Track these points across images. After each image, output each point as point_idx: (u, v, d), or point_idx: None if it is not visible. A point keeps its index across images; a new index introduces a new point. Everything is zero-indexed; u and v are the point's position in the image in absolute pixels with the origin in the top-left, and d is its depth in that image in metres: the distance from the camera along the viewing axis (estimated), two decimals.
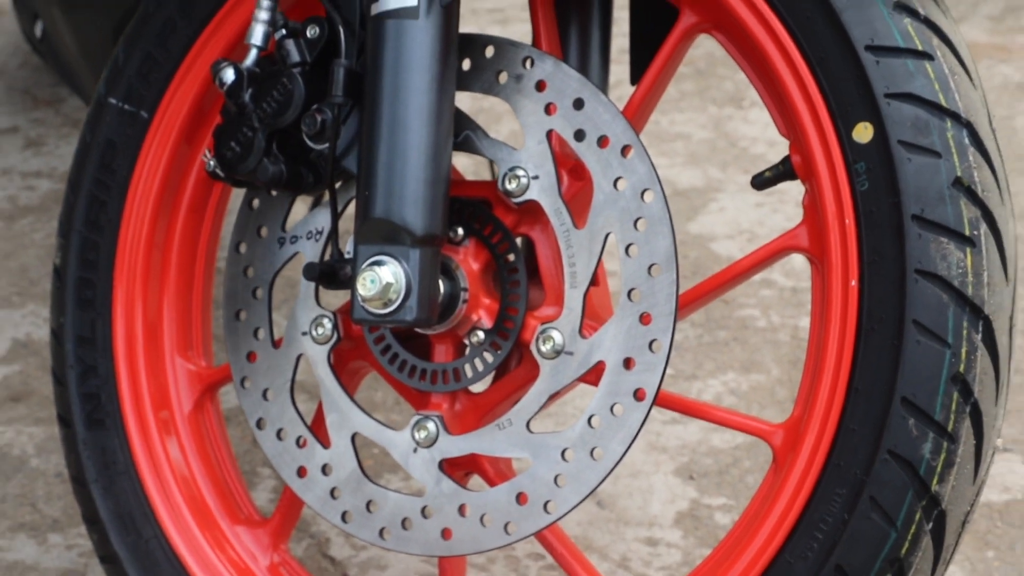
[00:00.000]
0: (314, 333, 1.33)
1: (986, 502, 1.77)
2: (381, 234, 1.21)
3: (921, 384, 1.13)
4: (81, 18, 2.01)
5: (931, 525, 1.12)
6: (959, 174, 1.13)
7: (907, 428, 1.13)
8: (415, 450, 1.28)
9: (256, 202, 1.40)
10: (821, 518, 1.16)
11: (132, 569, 1.51)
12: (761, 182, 1.26)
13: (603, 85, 1.43)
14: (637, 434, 1.18)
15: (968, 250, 1.12)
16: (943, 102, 1.14)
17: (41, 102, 3.04)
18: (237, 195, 1.47)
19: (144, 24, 1.57)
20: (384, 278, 1.17)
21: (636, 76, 1.41)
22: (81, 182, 1.58)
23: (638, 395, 1.17)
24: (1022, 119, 2.70)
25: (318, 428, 1.34)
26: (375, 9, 1.24)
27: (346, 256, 1.26)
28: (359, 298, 1.18)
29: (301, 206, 1.44)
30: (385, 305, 1.18)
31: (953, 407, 1.12)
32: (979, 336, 1.12)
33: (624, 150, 1.19)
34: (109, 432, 1.50)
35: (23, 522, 1.88)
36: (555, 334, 1.22)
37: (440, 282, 1.25)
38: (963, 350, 1.11)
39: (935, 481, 1.12)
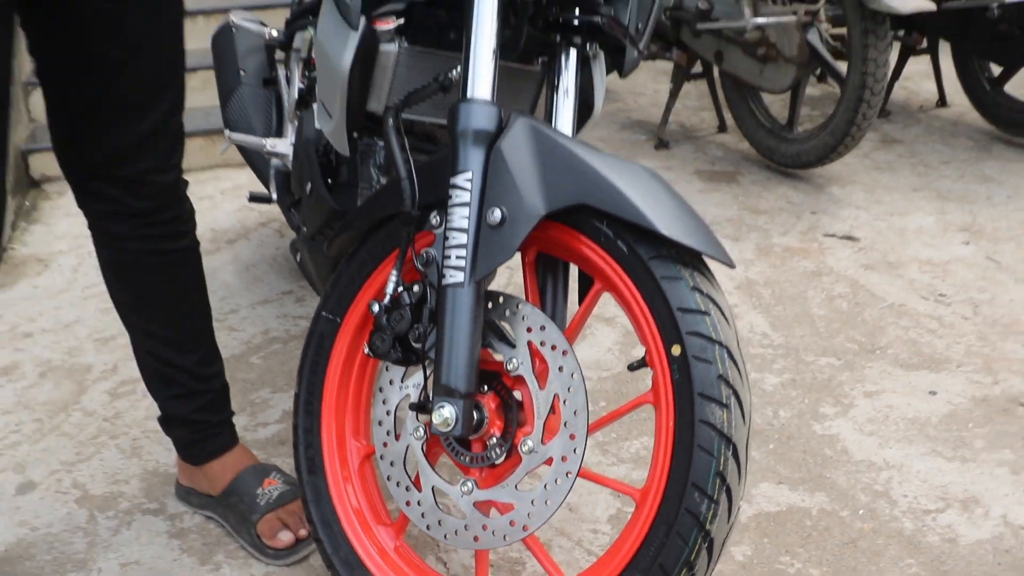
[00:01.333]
0: (415, 435, 1.56)
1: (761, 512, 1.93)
2: (444, 391, 1.44)
3: (702, 475, 1.35)
4: (316, 257, 2.12)
5: (706, 544, 1.35)
6: (720, 372, 1.36)
7: (695, 497, 1.35)
8: (461, 496, 1.51)
9: (388, 366, 1.61)
10: (654, 539, 1.37)
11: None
12: (632, 367, 1.56)
13: (563, 314, 1.60)
14: (568, 493, 1.43)
15: (725, 410, 1.35)
16: (713, 336, 1.37)
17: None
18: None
19: (349, 262, 1.72)
20: (445, 415, 1.42)
21: (580, 300, 1.57)
22: (308, 352, 1.74)
23: (567, 475, 1.42)
24: (812, 292, 2.83)
25: (416, 481, 1.57)
26: (442, 282, 1.45)
27: (430, 399, 1.46)
28: (434, 423, 1.44)
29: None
30: (446, 426, 1.42)
31: (718, 488, 1.34)
32: (730, 452, 1.35)
33: (564, 352, 1.44)
34: (319, 477, 1.70)
35: None
36: (530, 442, 1.46)
37: (474, 414, 1.46)
38: (722, 459, 1.34)
39: (708, 523, 1.34)
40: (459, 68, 1.63)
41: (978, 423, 2.23)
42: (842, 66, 3.49)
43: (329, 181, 2.07)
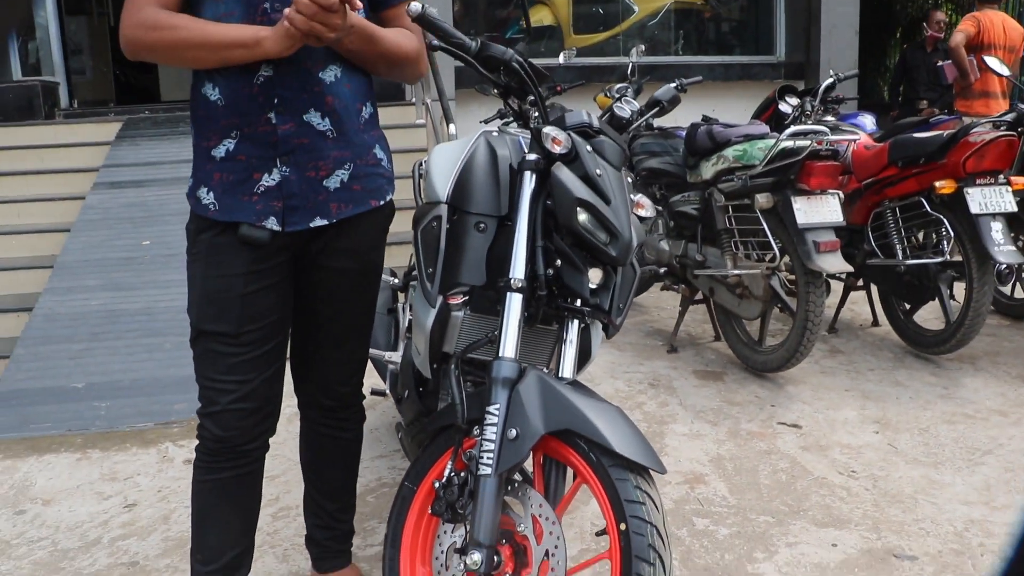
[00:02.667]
0: (458, 569, 1.61)
1: None
2: (475, 543, 1.53)
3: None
4: (410, 439, 2.18)
5: None
6: (650, 543, 1.47)
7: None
8: None
9: (444, 522, 1.69)
10: None
11: None
12: (598, 534, 1.63)
13: (560, 493, 1.65)
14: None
15: (652, 567, 1.46)
16: (646, 519, 1.48)
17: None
18: None
19: (424, 451, 1.79)
20: (476, 558, 1.52)
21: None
22: (395, 506, 1.79)
23: None
24: (762, 466, 2.76)
25: None
26: (478, 473, 1.56)
27: (466, 547, 1.56)
28: (467, 563, 1.53)
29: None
30: (475, 565, 1.52)
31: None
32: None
33: (553, 522, 1.57)
34: None
35: None
36: None
37: (494, 558, 1.55)
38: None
39: None
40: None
41: (861, 568, 2.22)
42: (794, 301, 3.60)
43: (420, 390, 2.20)
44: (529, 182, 1.77)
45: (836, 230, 3.40)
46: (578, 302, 1.78)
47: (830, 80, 4.60)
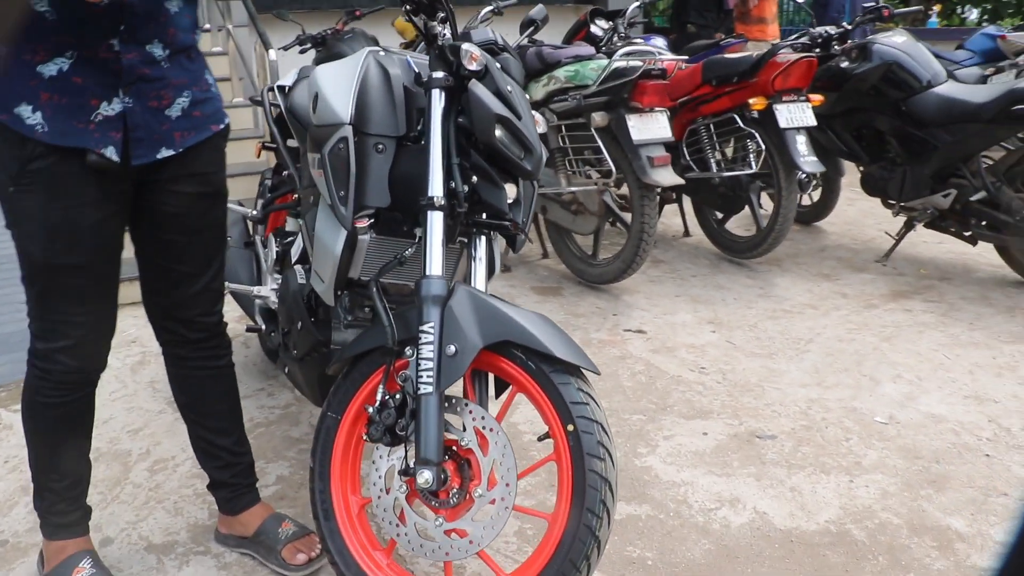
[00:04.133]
0: (400, 490, 1.67)
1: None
2: (423, 462, 1.55)
3: (593, 503, 1.52)
4: (305, 371, 2.15)
5: (596, 545, 1.51)
6: (599, 440, 1.53)
7: (589, 517, 1.52)
8: (435, 527, 1.62)
9: (378, 447, 1.70)
10: (564, 544, 1.53)
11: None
12: (541, 439, 1.68)
13: (487, 404, 1.70)
14: (506, 522, 1.58)
15: (603, 462, 1.53)
16: (593, 417, 1.55)
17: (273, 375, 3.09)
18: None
19: (345, 378, 1.82)
20: (426, 476, 1.55)
21: (496, 397, 1.71)
22: (319, 439, 1.82)
23: (506, 508, 1.57)
24: (621, 371, 2.95)
25: (401, 518, 1.69)
26: (418, 392, 1.58)
27: (412, 467, 1.59)
28: (417, 482, 1.56)
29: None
30: (426, 484, 1.55)
31: (602, 510, 1.52)
32: (607, 488, 1.53)
33: (496, 431, 1.60)
34: (332, 521, 1.79)
35: None
36: (479, 490, 1.60)
37: (441, 475, 1.58)
38: (603, 492, 1.52)
39: (597, 532, 1.51)
40: (410, 250, 1.85)
41: (732, 451, 2.45)
42: (627, 215, 3.82)
43: (312, 320, 2.13)
44: (439, 100, 1.75)
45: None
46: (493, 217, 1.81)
47: (636, 4, 4.80)
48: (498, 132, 1.72)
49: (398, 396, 1.67)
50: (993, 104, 3.54)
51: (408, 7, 1.75)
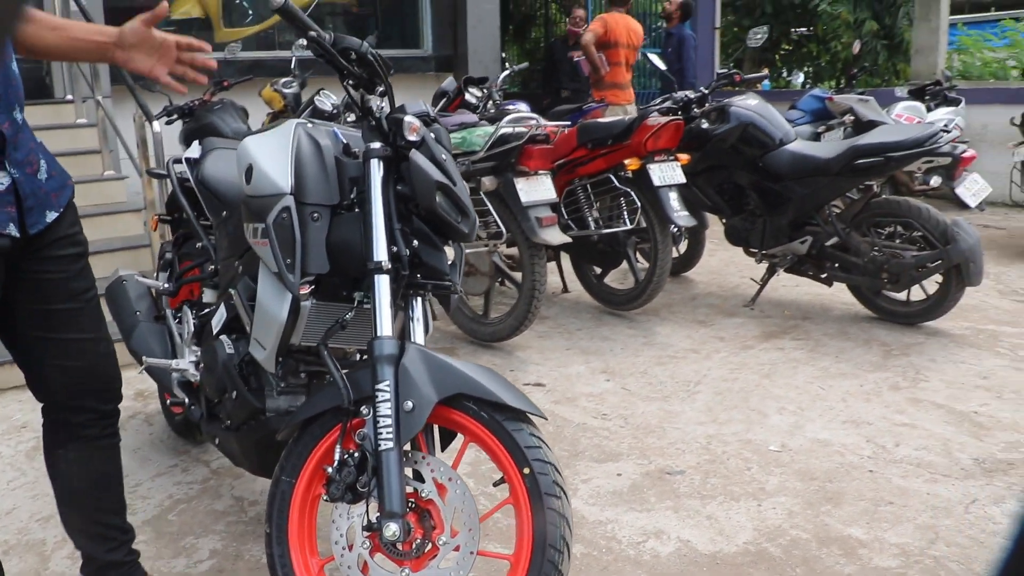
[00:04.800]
0: (363, 546, 1.71)
1: None
2: (388, 515, 1.61)
3: (554, 539, 1.62)
4: (241, 440, 2.15)
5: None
6: (555, 480, 1.65)
7: (552, 553, 1.61)
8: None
9: (337, 505, 1.74)
10: None
11: None
12: (496, 484, 1.77)
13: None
14: (472, 566, 1.65)
15: (560, 500, 1.64)
16: (547, 459, 1.66)
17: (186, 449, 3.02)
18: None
19: (296, 442, 1.84)
20: (393, 528, 1.60)
21: (443, 449, 1.80)
22: (274, 503, 1.83)
23: (471, 553, 1.65)
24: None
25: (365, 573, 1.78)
26: (379, 449, 1.64)
27: (378, 522, 1.64)
28: (385, 535, 1.62)
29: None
30: (393, 536, 1.61)
31: (563, 545, 1.62)
32: (565, 524, 1.63)
33: (455, 480, 1.69)
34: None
35: None
36: (443, 538, 1.68)
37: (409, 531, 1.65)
38: (563, 527, 1.62)
39: (561, 566, 1.61)
40: (350, 314, 1.92)
41: (647, 488, 2.60)
42: (515, 274, 3.98)
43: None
44: (378, 169, 1.86)
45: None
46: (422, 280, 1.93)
47: (506, 72, 5.08)
48: (438, 198, 1.85)
49: (356, 454, 1.73)
50: (839, 159, 3.97)
51: (349, 82, 1.87)
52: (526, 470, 1.69)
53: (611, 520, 2.44)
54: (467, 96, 4.95)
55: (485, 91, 4.86)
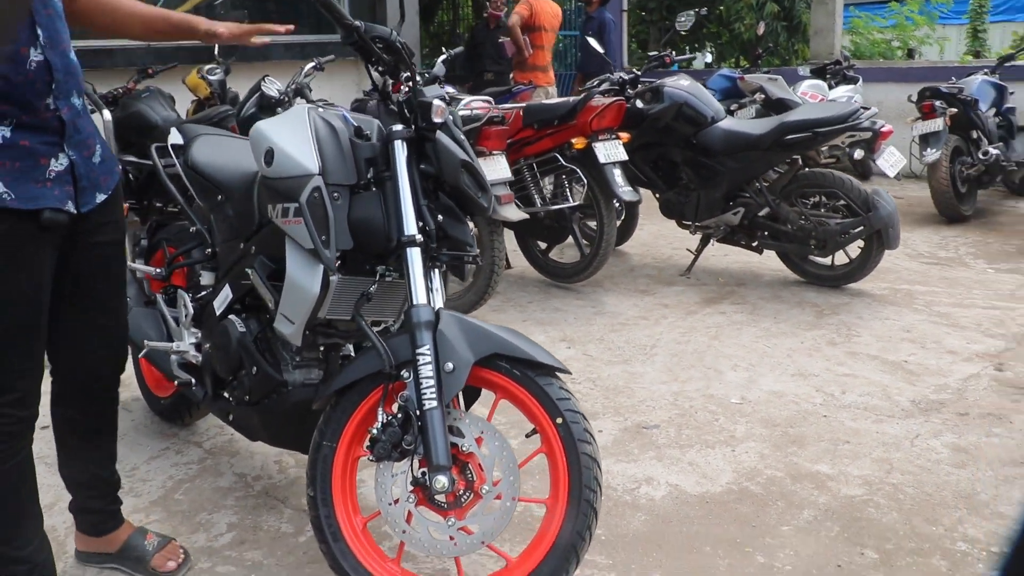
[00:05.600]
0: (410, 500, 1.85)
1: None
2: (437, 469, 1.75)
3: (589, 480, 1.78)
4: (263, 415, 2.22)
5: (595, 515, 1.78)
6: (585, 427, 1.81)
7: (588, 493, 1.77)
8: (448, 527, 1.83)
9: (381, 464, 1.87)
10: (569, 520, 1.79)
11: None
12: (529, 435, 1.91)
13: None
14: (513, 512, 1.82)
15: (591, 445, 1.80)
16: (577, 409, 1.82)
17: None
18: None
19: (335, 408, 1.95)
20: (443, 481, 1.75)
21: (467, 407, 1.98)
22: (316, 467, 1.94)
23: (512, 499, 1.81)
24: None
25: (409, 522, 1.89)
26: (423, 409, 1.76)
27: (426, 476, 1.78)
28: (435, 488, 1.76)
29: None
30: (443, 488, 1.75)
31: (596, 485, 1.79)
32: (597, 466, 1.80)
33: (494, 433, 1.84)
34: (342, 542, 1.92)
35: None
36: (485, 487, 1.82)
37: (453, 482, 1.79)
38: (596, 470, 1.79)
39: (595, 504, 1.78)
40: (373, 287, 2.05)
41: (629, 441, 2.81)
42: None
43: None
44: (402, 150, 1.99)
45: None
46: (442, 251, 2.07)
47: (444, 56, 5.19)
48: (463, 176, 1.99)
49: (399, 415, 1.87)
50: (770, 135, 4.27)
51: (379, 68, 1.98)
52: (559, 420, 1.86)
53: (603, 471, 2.62)
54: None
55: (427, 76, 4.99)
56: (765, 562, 2.15)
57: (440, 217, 2.02)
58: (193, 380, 2.54)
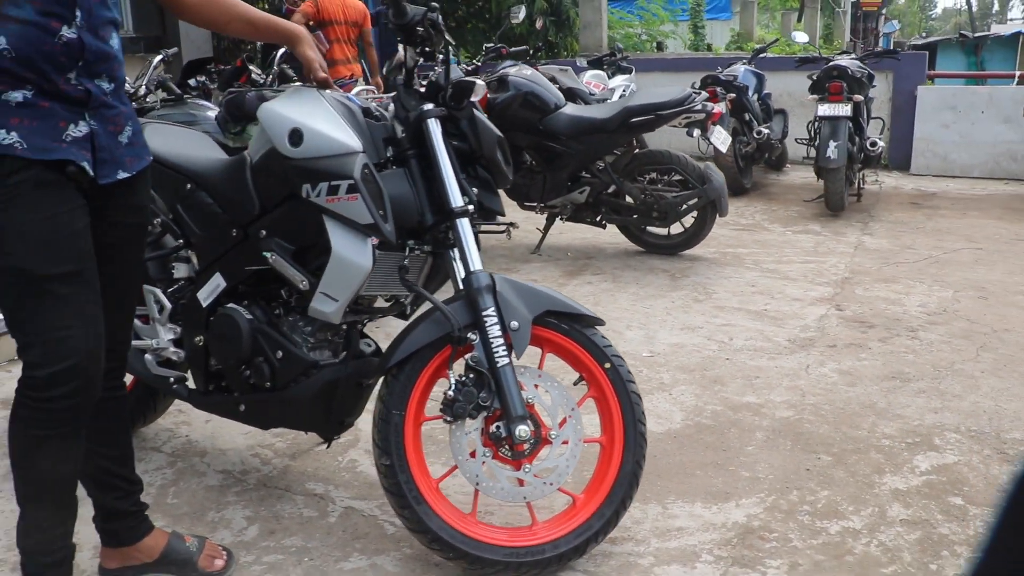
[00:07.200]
0: (486, 454, 1.99)
1: None
2: (518, 419, 1.93)
3: (640, 415, 2.05)
4: (295, 395, 2.22)
5: (645, 444, 2.06)
6: (629, 370, 2.08)
7: (639, 426, 2.04)
8: (525, 473, 1.99)
9: (453, 426, 1.99)
10: (629, 451, 2.04)
11: None
12: (576, 383, 2.16)
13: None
14: (579, 456, 2.02)
15: (636, 384, 2.14)
16: (619, 354, 2.09)
17: None
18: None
19: (397, 377, 2.02)
20: (525, 430, 1.92)
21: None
22: (390, 436, 1.99)
23: (579, 442, 2.02)
24: None
25: (489, 476, 2.02)
26: (497, 365, 1.93)
27: (509, 428, 1.97)
28: (520, 437, 1.94)
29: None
30: (527, 435, 1.94)
31: (645, 418, 2.08)
32: (642, 402, 2.07)
33: (555, 384, 2.05)
34: (424, 504, 2.00)
35: None
36: (552, 434, 2.01)
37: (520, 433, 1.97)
38: (642, 405, 2.08)
39: (645, 434, 2.04)
40: (406, 260, 2.16)
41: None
42: None
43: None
44: (436, 127, 2.13)
45: None
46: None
47: (282, 51, 5.14)
48: (498, 150, 2.18)
49: (472, 376, 2.01)
50: (615, 118, 4.73)
51: (415, 49, 2.10)
52: (607, 364, 2.11)
53: None
54: (253, 75, 4.99)
55: (277, 69, 4.95)
56: (750, 475, 2.54)
57: (475, 189, 2.19)
58: (172, 378, 2.47)
